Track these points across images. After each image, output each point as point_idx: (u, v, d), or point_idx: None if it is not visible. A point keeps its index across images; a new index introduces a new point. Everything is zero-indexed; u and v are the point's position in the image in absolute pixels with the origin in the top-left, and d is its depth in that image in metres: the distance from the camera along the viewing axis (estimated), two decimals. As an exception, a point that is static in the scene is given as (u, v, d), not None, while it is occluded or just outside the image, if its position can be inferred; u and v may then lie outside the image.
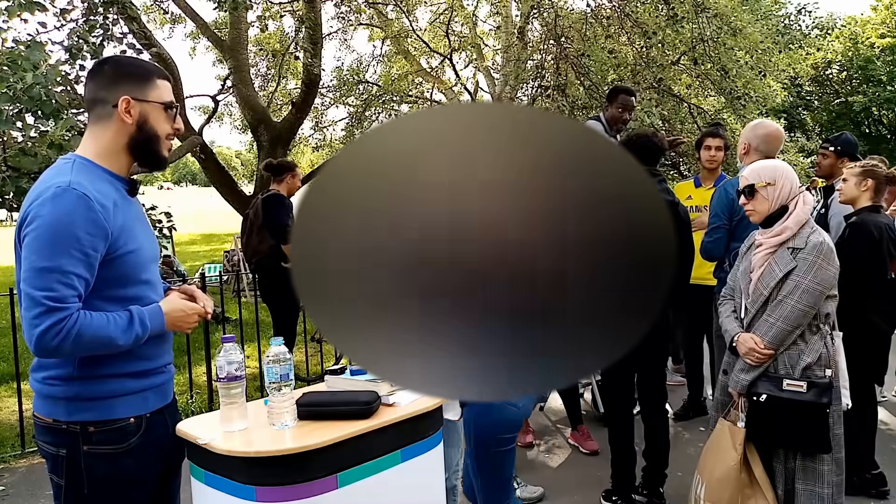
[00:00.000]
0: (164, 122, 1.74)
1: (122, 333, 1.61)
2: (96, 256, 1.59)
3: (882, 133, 26.05)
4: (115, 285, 1.66)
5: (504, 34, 13.07)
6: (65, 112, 4.29)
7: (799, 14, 21.03)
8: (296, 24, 11.00)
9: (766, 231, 2.58)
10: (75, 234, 1.56)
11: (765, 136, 3.24)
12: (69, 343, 1.55)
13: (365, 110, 14.14)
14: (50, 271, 1.54)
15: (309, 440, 1.68)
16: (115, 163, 1.72)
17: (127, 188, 1.75)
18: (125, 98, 1.68)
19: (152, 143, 1.73)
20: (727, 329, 2.68)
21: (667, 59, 9.58)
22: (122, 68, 1.75)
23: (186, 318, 1.74)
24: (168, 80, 1.78)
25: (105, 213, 1.61)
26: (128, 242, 1.67)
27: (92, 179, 1.64)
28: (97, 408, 1.65)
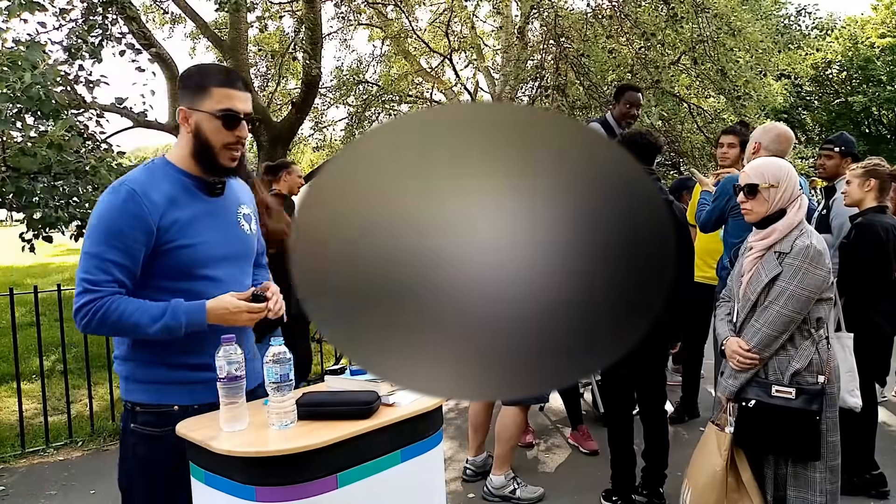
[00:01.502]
0: (218, 131, 1.77)
1: (151, 322, 1.69)
2: (138, 247, 1.71)
3: (882, 133, 26.03)
4: (166, 277, 1.76)
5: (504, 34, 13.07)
6: (64, 112, 4.28)
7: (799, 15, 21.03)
8: (296, 24, 10.99)
9: (758, 233, 2.54)
10: (118, 226, 1.70)
11: (775, 137, 3.25)
12: (96, 323, 1.69)
13: (365, 110, 14.13)
14: (91, 257, 1.71)
15: (309, 440, 1.67)
16: (190, 165, 1.82)
17: (204, 188, 1.83)
18: (181, 108, 1.79)
19: (209, 153, 1.79)
20: (719, 332, 2.69)
21: (666, 59, 9.57)
22: (183, 79, 1.83)
23: (231, 315, 1.76)
24: (234, 88, 1.78)
25: (152, 209, 1.71)
26: (182, 237, 1.75)
27: (156, 177, 1.77)
28: (146, 390, 1.79)
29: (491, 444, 3.54)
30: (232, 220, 1.91)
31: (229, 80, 1.79)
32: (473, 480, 3.63)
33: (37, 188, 4.29)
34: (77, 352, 5.99)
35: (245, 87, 1.83)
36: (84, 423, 4.55)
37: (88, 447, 4.33)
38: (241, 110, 1.79)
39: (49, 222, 4.39)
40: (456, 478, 3.69)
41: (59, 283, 4.58)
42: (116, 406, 4.72)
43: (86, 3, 5.94)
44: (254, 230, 1.99)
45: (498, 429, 3.42)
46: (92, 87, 5.10)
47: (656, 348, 3.30)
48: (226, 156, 1.80)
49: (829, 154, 3.94)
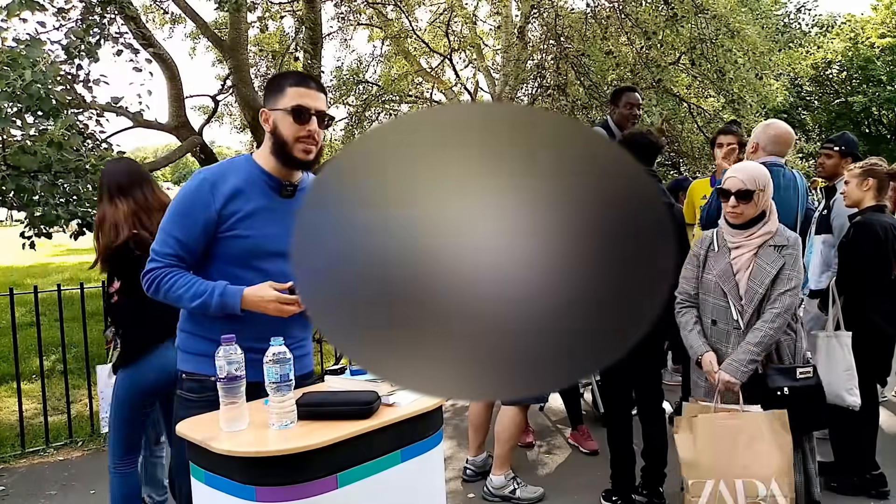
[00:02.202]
0: (290, 126, 1.94)
1: (192, 298, 1.90)
2: (197, 227, 1.93)
3: (882, 133, 26.03)
4: (222, 262, 1.97)
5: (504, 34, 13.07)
6: (64, 111, 4.28)
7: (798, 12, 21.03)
8: (296, 24, 10.99)
9: (743, 232, 2.66)
10: (185, 207, 1.95)
11: (775, 136, 3.24)
12: (153, 290, 1.96)
13: (365, 110, 14.12)
14: (161, 231, 1.97)
15: (309, 440, 1.67)
16: (269, 163, 2.00)
17: (275, 186, 2.00)
18: (262, 109, 2.00)
19: (284, 147, 1.96)
20: (692, 345, 2.72)
21: (666, 59, 9.57)
22: (266, 85, 2.07)
23: (263, 303, 1.90)
24: (306, 87, 1.96)
25: (217, 197, 1.93)
26: (242, 228, 1.94)
27: (230, 170, 1.99)
28: (189, 360, 1.99)
29: (491, 444, 3.54)
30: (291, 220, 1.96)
31: (302, 80, 1.99)
32: (473, 480, 3.63)
33: (37, 187, 4.29)
34: (77, 352, 5.99)
35: (318, 88, 2.00)
36: (84, 423, 4.55)
37: (88, 447, 4.33)
38: (312, 106, 1.95)
39: (49, 220, 4.39)
40: (456, 478, 3.69)
41: (59, 283, 4.58)
42: (116, 406, 4.72)
43: (84, 2, 5.94)
44: None
45: (498, 429, 3.42)
46: (91, 87, 5.10)
47: (653, 348, 3.30)
48: (299, 149, 1.96)
49: (828, 153, 3.94)
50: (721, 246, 2.69)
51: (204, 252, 1.98)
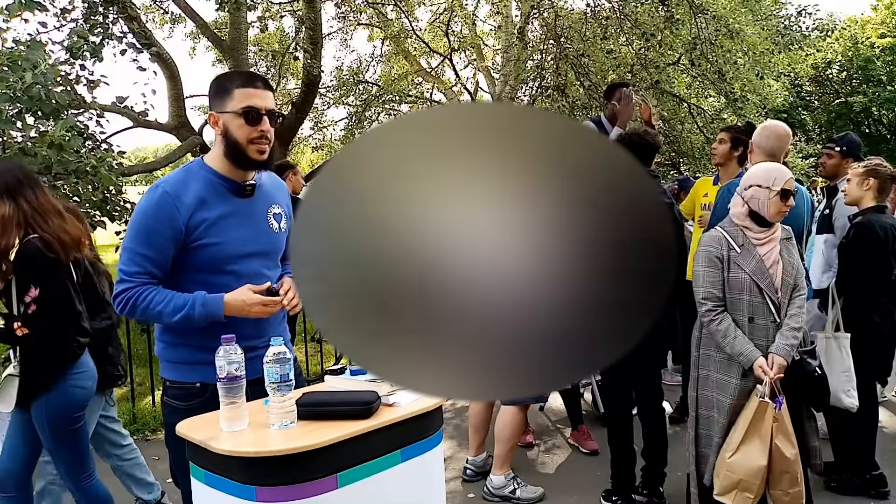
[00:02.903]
0: (241, 128, 1.92)
1: (173, 313, 1.88)
2: (167, 244, 1.89)
3: (882, 133, 26.03)
4: (195, 270, 1.94)
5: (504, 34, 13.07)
6: (64, 112, 4.28)
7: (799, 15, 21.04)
8: (296, 24, 10.99)
9: (769, 229, 2.70)
10: (150, 223, 1.89)
11: (773, 135, 3.23)
12: (128, 310, 1.91)
13: (365, 110, 14.13)
14: (126, 251, 1.93)
15: (309, 440, 1.67)
16: (223, 166, 1.97)
17: (234, 189, 1.98)
18: (210, 114, 1.98)
19: (238, 149, 1.93)
20: (741, 352, 2.63)
21: (665, 59, 9.57)
22: (210, 88, 2.00)
23: (246, 307, 1.90)
24: (253, 87, 1.93)
25: (182, 209, 1.89)
26: (209, 236, 1.92)
27: (188, 179, 1.94)
28: (173, 369, 1.98)
29: (491, 445, 3.54)
30: (261, 219, 2.05)
31: (249, 81, 1.96)
32: (473, 480, 3.63)
33: (37, 188, 4.29)
34: (77, 352, 5.99)
35: (265, 87, 1.97)
36: (84, 423, 4.55)
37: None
38: (261, 107, 1.92)
39: (49, 222, 4.38)
40: (456, 478, 3.69)
41: (59, 283, 4.58)
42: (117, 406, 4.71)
43: (87, 2, 5.94)
44: (283, 228, 2.11)
45: (497, 428, 3.42)
46: (92, 87, 5.10)
47: (653, 348, 3.30)
48: (253, 150, 1.94)
49: (829, 153, 3.94)
50: (743, 244, 2.68)
51: (172, 265, 1.95)
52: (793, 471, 2.59)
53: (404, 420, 1.86)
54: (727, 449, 2.64)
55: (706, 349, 2.81)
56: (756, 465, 2.56)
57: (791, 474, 2.59)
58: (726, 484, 2.61)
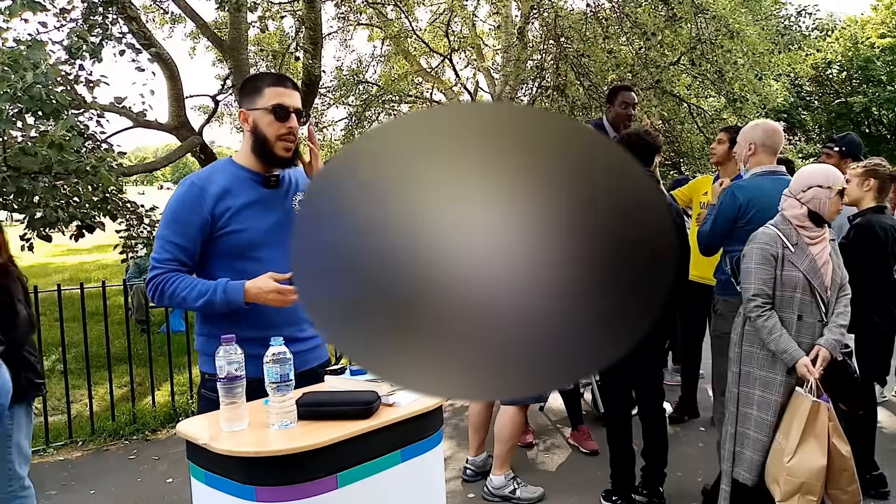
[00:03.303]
0: (270, 124, 2.02)
1: (196, 298, 1.97)
2: (195, 231, 2.01)
3: (882, 133, 26.02)
4: (222, 257, 2.05)
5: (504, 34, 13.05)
6: (65, 112, 4.28)
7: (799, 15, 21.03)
8: (296, 24, 10.99)
9: (821, 228, 2.75)
10: (180, 212, 2.02)
11: (771, 132, 3.21)
12: (157, 296, 2.01)
13: (365, 110, 14.12)
14: (158, 239, 2.05)
15: (309, 440, 1.67)
16: (250, 161, 2.09)
17: (259, 180, 2.08)
18: (240, 111, 2.08)
19: (266, 144, 2.04)
20: (786, 349, 2.65)
21: (666, 59, 9.57)
22: (241, 87, 2.13)
23: (263, 294, 1.95)
24: (283, 86, 2.04)
25: (207, 199, 2.00)
26: (236, 224, 2.02)
27: (216, 172, 2.08)
28: (209, 362, 2.01)
29: (491, 445, 3.54)
30: (287, 208, 2.13)
31: (279, 81, 2.07)
32: (473, 480, 3.63)
33: (37, 188, 4.29)
34: (77, 352, 5.99)
35: (294, 87, 2.08)
36: (84, 423, 4.55)
37: (88, 447, 4.33)
38: (290, 105, 2.04)
39: (50, 222, 4.39)
40: (456, 478, 3.69)
41: (59, 283, 4.58)
42: (117, 406, 4.72)
43: (86, 2, 5.94)
44: None
45: (497, 428, 3.42)
46: (92, 87, 5.10)
47: (653, 348, 3.30)
48: (280, 147, 2.04)
49: (828, 153, 3.94)
50: (797, 243, 2.71)
51: (202, 252, 2.05)
52: (850, 468, 2.60)
53: (404, 420, 1.86)
54: (785, 453, 2.60)
55: (749, 346, 2.79)
56: (817, 466, 2.56)
57: (848, 472, 2.60)
58: (788, 489, 2.58)
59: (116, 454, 4.25)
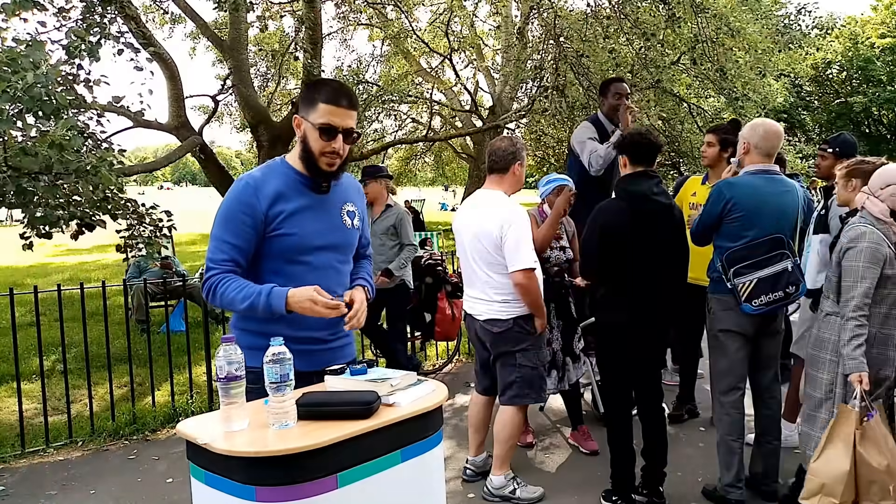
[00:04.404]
0: (317, 140, 2.05)
1: (242, 301, 2.00)
2: (249, 231, 2.04)
3: (882, 133, 26.06)
4: (272, 259, 2.08)
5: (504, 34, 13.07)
6: (65, 112, 4.28)
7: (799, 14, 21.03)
8: (296, 24, 11.00)
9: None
10: (235, 211, 2.04)
11: (764, 133, 3.23)
12: (210, 296, 2.06)
13: (365, 110, 14.13)
14: (213, 239, 2.07)
15: (309, 440, 1.67)
16: (301, 165, 2.11)
17: (311, 185, 2.11)
18: (295, 116, 2.11)
19: (310, 157, 2.08)
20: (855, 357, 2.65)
21: (666, 59, 9.57)
22: (303, 90, 2.16)
23: (302, 304, 1.98)
24: (337, 105, 2.04)
25: (261, 199, 2.03)
26: (287, 227, 2.05)
27: (271, 173, 2.10)
28: (247, 354, 1.95)
29: (491, 445, 3.54)
30: (335, 215, 2.18)
31: (334, 98, 2.05)
32: (473, 480, 3.63)
33: (38, 188, 4.28)
34: (77, 352, 5.99)
35: (349, 105, 2.07)
36: (84, 423, 4.55)
37: (88, 447, 4.33)
38: (339, 125, 2.05)
39: (50, 222, 4.38)
40: (456, 478, 3.70)
41: (59, 283, 4.58)
42: (117, 406, 4.72)
43: (84, 2, 5.93)
44: (356, 225, 2.25)
45: (497, 428, 3.42)
46: (92, 87, 5.10)
47: (653, 348, 3.30)
48: (324, 161, 2.07)
49: (823, 155, 3.96)
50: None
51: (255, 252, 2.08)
52: (881, 481, 2.54)
53: (404, 420, 1.86)
54: (814, 454, 2.67)
55: (815, 350, 2.86)
56: (839, 470, 2.55)
57: (879, 484, 2.54)
58: (811, 487, 2.62)
59: (116, 454, 4.25)
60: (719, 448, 3.28)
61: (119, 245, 5.41)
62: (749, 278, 3.10)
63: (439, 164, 24.49)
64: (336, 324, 2.14)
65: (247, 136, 16.95)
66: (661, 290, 3.17)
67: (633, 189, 3.20)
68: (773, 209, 3.17)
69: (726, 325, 3.22)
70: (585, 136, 4.39)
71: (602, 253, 3.17)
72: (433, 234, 12.46)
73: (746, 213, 3.13)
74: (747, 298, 3.10)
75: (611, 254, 3.16)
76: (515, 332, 3.27)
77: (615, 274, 3.20)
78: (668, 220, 3.19)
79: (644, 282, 3.15)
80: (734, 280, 3.12)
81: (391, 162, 21.31)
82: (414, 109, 18.31)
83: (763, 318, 3.19)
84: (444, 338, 5.92)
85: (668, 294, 3.20)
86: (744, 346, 3.23)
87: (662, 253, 3.17)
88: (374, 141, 15.83)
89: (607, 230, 3.16)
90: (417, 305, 5.71)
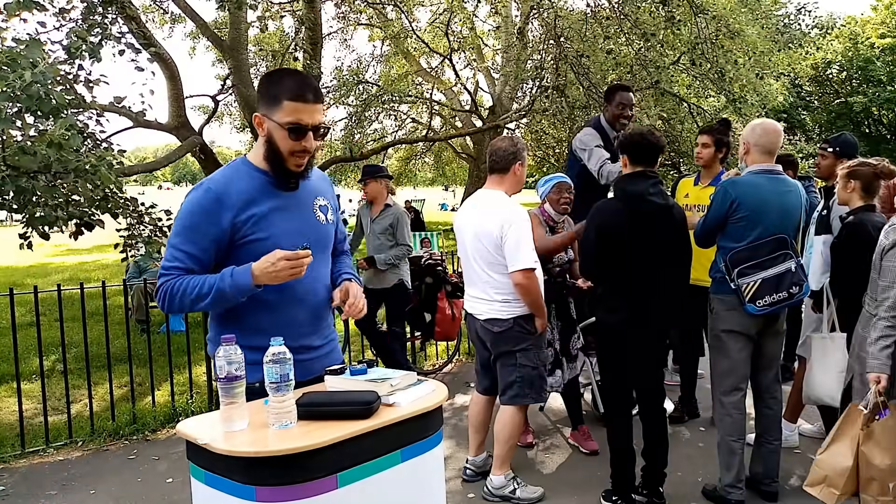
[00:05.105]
0: (284, 140, 1.93)
1: (208, 290, 1.89)
2: (208, 241, 1.92)
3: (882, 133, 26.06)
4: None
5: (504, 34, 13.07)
6: (64, 111, 4.28)
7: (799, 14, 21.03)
8: (296, 24, 10.99)
9: None
10: (193, 220, 1.92)
11: (762, 133, 3.23)
12: (167, 302, 1.94)
13: (365, 110, 14.13)
14: (169, 247, 1.97)
15: (309, 440, 1.67)
16: (268, 165, 1.99)
17: (279, 183, 1.99)
18: (256, 115, 1.97)
19: (276, 157, 1.96)
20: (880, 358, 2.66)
21: (666, 59, 9.57)
22: (260, 85, 2.02)
23: (273, 268, 1.86)
24: (303, 101, 1.90)
25: (226, 208, 1.91)
26: (258, 231, 1.95)
27: (234, 177, 1.97)
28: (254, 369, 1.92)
29: (491, 445, 3.54)
30: (307, 211, 2.08)
31: (299, 93, 1.91)
32: (473, 480, 3.63)
33: (37, 187, 4.28)
34: (77, 352, 5.99)
35: (316, 99, 1.94)
36: (84, 423, 4.55)
37: (88, 447, 4.33)
38: (308, 123, 1.93)
39: (49, 221, 4.38)
40: (456, 478, 3.69)
41: (59, 283, 4.58)
42: (116, 406, 4.72)
43: (85, 2, 5.93)
44: (330, 219, 2.15)
45: (497, 428, 3.42)
46: (91, 87, 5.09)
47: (653, 348, 3.29)
48: (292, 162, 1.97)
49: (823, 155, 3.96)
50: None
51: (224, 260, 1.96)
52: (881, 479, 2.60)
53: (404, 420, 1.86)
54: (821, 446, 2.79)
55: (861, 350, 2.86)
56: (841, 466, 2.67)
57: (879, 483, 2.60)
58: (814, 477, 2.77)
59: (116, 454, 4.25)
60: (720, 448, 3.28)
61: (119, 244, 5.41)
62: (753, 279, 3.10)
63: (439, 164, 24.48)
64: (321, 329, 2.07)
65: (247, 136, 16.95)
66: (660, 290, 3.17)
67: (630, 189, 3.20)
68: (777, 208, 3.16)
69: (729, 325, 3.22)
70: (593, 143, 4.36)
71: (600, 253, 3.17)
72: (433, 234, 12.47)
73: (751, 212, 3.13)
74: (751, 299, 3.10)
75: (608, 254, 3.16)
76: (516, 332, 3.27)
77: (613, 274, 3.20)
78: (667, 220, 3.19)
79: (643, 282, 3.14)
80: (738, 280, 3.12)
81: (391, 162, 21.31)
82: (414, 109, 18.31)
83: (766, 319, 3.19)
84: (444, 338, 5.92)
85: (668, 294, 3.20)
86: (746, 347, 3.23)
87: (662, 253, 3.17)
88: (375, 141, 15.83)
89: (604, 230, 3.16)
90: (417, 305, 5.71)
